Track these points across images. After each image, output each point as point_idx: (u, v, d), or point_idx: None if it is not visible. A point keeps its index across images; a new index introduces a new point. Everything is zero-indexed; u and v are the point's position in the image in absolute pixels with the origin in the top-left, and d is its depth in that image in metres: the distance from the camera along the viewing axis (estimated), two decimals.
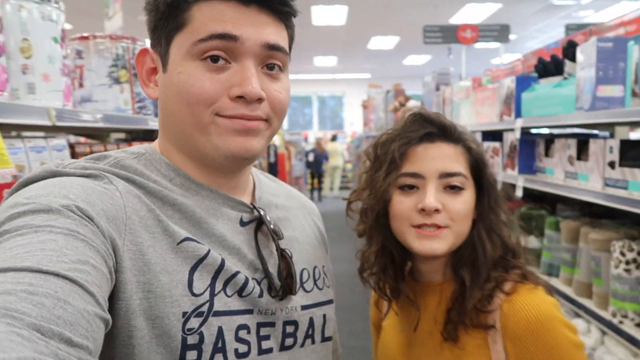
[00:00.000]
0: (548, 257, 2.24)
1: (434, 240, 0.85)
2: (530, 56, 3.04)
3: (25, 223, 0.50)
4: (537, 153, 2.42)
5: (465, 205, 0.86)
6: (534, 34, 10.90)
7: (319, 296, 0.80)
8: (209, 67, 0.65)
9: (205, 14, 0.64)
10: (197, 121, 0.66)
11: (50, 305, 0.43)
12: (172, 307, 0.61)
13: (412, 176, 0.87)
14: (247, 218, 0.74)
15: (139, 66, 0.71)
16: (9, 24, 1.10)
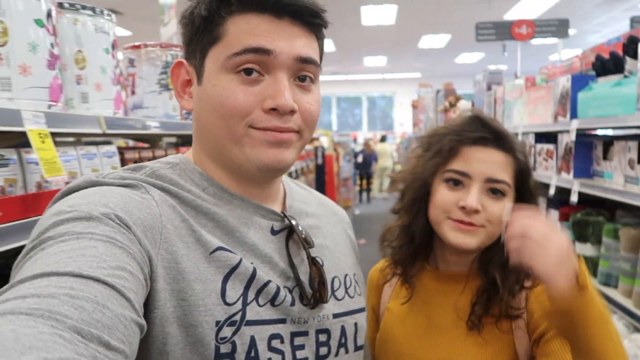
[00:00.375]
0: (606, 266, 2.11)
1: (467, 235, 0.91)
2: (589, 52, 2.88)
3: (68, 230, 0.53)
4: (595, 156, 2.29)
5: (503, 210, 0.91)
6: (596, 27, 10.33)
7: (351, 304, 0.80)
8: (243, 80, 0.66)
9: (240, 27, 0.66)
10: (231, 133, 0.67)
11: (90, 309, 0.45)
12: (206, 316, 0.62)
13: (459, 174, 0.93)
14: (278, 227, 0.74)
15: (174, 78, 0.73)
16: (64, 37, 1.17)
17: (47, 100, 0.97)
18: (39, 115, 0.89)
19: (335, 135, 9.96)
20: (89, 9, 1.21)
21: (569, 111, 2.34)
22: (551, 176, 2.56)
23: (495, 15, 8.65)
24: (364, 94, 18.67)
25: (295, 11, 0.67)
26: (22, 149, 0.93)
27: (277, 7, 0.66)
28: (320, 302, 0.73)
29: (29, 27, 0.93)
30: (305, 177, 5.18)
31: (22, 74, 0.91)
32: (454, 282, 0.98)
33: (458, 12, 8.95)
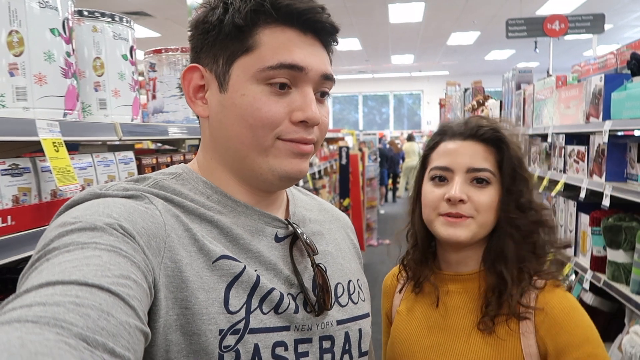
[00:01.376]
0: (639, 274, 2.02)
1: (458, 228, 0.93)
2: (625, 49, 2.77)
3: (72, 240, 0.54)
4: (629, 158, 2.20)
5: (490, 198, 0.94)
6: (634, 22, 9.94)
7: (354, 310, 0.80)
8: (273, 92, 0.67)
9: (273, 41, 0.67)
10: (259, 143, 0.68)
11: (95, 317, 0.45)
12: (209, 325, 0.62)
13: (442, 169, 0.97)
14: (282, 234, 0.75)
15: (185, 82, 0.72)
16: (83, 44, 1.18)
17: (62, 109, 0.98)
18: (54, 124, 0.90)
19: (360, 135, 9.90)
20: (107, 16, 1.22)
21: (602, 112, 2.25)
22: (582, 179, 2.46)
23: (527, 11, 8.42)
24: (391, 92, 18.51)
25: (319, 28, 0.69)
26: (37, 157, 0.94)
27: (306, 24, 0.68)
28: (325, 309, 0.73)
29: (45, 37, 0.95)
30: (330, 178, 5.17)
31: (37, 83, 0.93)
32: (460, 283, 0.99)
33: (488, 8, 8.76)
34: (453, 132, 0.98)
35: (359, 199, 6.35)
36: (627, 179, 2.21)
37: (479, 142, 0.96)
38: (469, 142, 0.96)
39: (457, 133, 0.97)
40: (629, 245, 2.11)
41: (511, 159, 0.95)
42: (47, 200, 0.95)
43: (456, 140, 0.97)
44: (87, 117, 1.18)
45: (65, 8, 1.01)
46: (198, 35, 0.70)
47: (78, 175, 1.01)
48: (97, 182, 1.09)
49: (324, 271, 0.77)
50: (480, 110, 5.32)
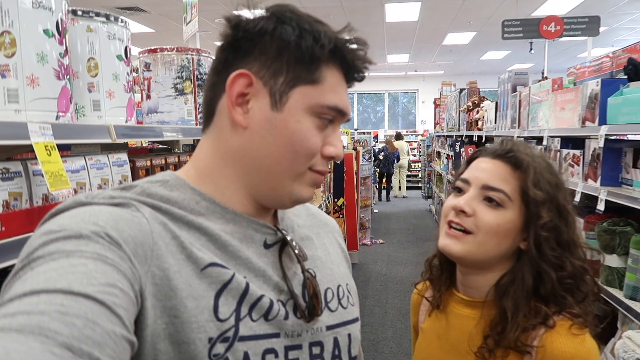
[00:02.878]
0: (632, 279, 2.03)
1: (453, 240, 0.92)
2: (620, 52, 2.77)
3: (58, 249, 0.53)
4: (624, 163, 2.20)
5: (496, 221, 0.90)
6: (629, 24, 10.00)
7: (344, 315, 0.80)
8: (320, 126, 0.71)
9: (332, 80, 0.71)
10: (295, 169, 0.71)
11: (80, 326, 0.45)
12: (198, 333, 0.62)
13: (462, 181, 0.97)
14: (271, 240, 0.74)
15: (232, 86, 0.70)
16: (77, 44, 1.16)
17: (55, 111, 0.96)
18: (46, 127, 0.88)
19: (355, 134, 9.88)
20: (102, 16, 1.20)
21: (598, 116, 2.25)
22: (577, 183, 2.47)
23: (523, 13, 8.44)
24: (386, 91, 18.52)
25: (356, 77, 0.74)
26: (29, 161, 0.92)
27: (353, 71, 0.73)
28: (315, 315, 0.73)
29: (38, 37, 0.92)
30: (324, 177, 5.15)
31: (30, 85, 0.90)
32: (470, 308, 0.97)
33: (484, 8, 8.77)
34: (487, 151, 0.99)
35: (354, 198, 6.35)
36: (622, 184, 2.21)
37: (505, 163, 0.94)
38: (495, 161, 0.95)
39: (490, 152, 0.98)
40: (623, 250, 2.11)
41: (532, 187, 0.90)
42: (38, 205, 0.93)
43: (487, 157, 0.97)
44: (80, 118, 1.15)
45: (60, 8, 0.98)
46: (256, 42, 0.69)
47: (70, 178, 0.99)
48: (90, 185, 1.07)
49: (314, 276, 0.77)
50: (475, 111, 5.32)
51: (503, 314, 0.90)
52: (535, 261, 0.90)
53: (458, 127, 6.55)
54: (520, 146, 0.96)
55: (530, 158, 0.93)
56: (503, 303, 0.90)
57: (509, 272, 0.92)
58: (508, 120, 3.89)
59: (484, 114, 4.95)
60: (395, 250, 7.23)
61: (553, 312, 0.88)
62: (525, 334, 0.87)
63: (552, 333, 0.86)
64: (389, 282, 5.65)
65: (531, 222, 0.90)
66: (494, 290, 0.94)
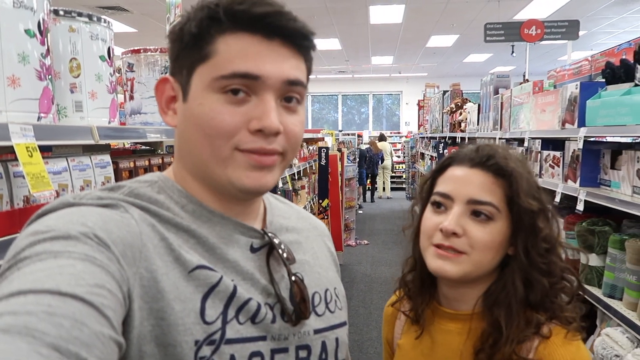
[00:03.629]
0: (611, 277, 2.07)
1: (447, 262, 0.85)
2: (599, 56, 2.83)
3: (45, 249, 0.53)
4: (602, 164, 2.25)
5: (490, 236, 0.85)
6: (607, 28, 10.20)
7: (332, 319, 0.79)
8: (229, 100, 0.65)
9: (230, 49, 0.65)
10: (216, 154, 0.66)
11: (68, 326, 0.45)
12: (185, 336, 0.62)
13: (442, 196, 0.89)
14: (257, 244, 0.74)
15: (158, 94, 0.72)
16: (59, 44, 1.14)
17: (36, 112, 0.95)
18: (27, 128, 0.87)
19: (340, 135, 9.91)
20: (85, 16, 1.19)
21: (577, 119, 2.30)
22: (557, 184, 2.52)
23: (504, 16, 8.56)
24: (370, 93, 18.60)
25: (286, 34, 0.67)
26: (10, 162, 0.91)
27: (269, 29, 0.65)
28: (302, 318, 0.72)
29: (19, 37, 0.91)
30: (309, 178, 5.16)
31: (11, 85, 0.89)
32: (458, 322, 0.91)
33: (467, 12, 8.87)
34: (462, 158, 0.90)
35: (338, 199, 6.36)
36: (600, 185, 2.26)
37: (486, 172, 0.87)
38: (476, 171, 0.87)
39: (466, 159, 0.89)
40: (601, 249, 2.16)
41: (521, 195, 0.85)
42: (19, 207, 0.92)
43: (464, 166, 0.89)
44: (62, 119, 1.14)
45: (41, 7, 0.97)
46: (170, 46, 0.70)
47: (52, 180, 0.98)
48: (72, 187, 1.06)
49: (301, 280, 0.76)
50: (458, 113, 5.39)
51: (495, 325, 0.85)
52: (526, 269, 0.86)
53: (441, 129, 6.62)
54: (499, 151, 0.90)
55: (514, 164, 0.87)
56: (495, 313, 0.85)
57: (498, 281, 0.87)
58: (490, 122, 3.94)
59: (466, 115, 5.01)
60: (380, 251, 7.26)
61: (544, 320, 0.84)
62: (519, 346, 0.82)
63: (548, 344, 0.82)
64: (374, 282, 5.67)
65: (520, 230, 0.86)
66: (482, 300, 0.89)
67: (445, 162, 0.94)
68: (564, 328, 0.84)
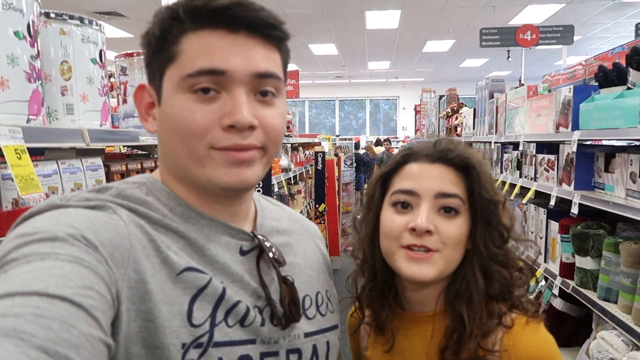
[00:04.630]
0: (605, 280, 2.07)
1: (423, 265, 0.81)
2: (593, 61, 2.85)
3: (32, 251, 0.52)
4: (596, 168, 2.26)
5: (460, 231, 0.83)
6: (601, 33, 10.28)
7: (323, 322, 0.79)
8: (199, 99, 0.64)
9: (193, 47, 0.64)
10: (192, 153, 0.66)
11: (56, 328, 0.44)
12: (172, 338, 0.61)
13: (406, 193, 0.84)
14: (247, 247, 0.73)
15: (137, 101, 0.72)
16: (50, 47, 1.14)
17: (26, 114, 0.95)
18: (16, 130, 0.86)
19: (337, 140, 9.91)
20: (76, 19, 1.19)
21: (571, 122, 2.31)
22: (552, 187, 2.52)
23: (500, 21, 8.61)
24: (367, 98, 18.64)
25: (251, 24, 0.65)
26: None
27: (231, 22, 0.64)
28: (292, 322, 0.72)
29: (8, 39, 0.91)
30: (305, 183, 5.15)
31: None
32: (422, 324, 0.88)
33: (463, 17, 8.92)
34: (420, 154, 0.87)
35: (335, 204, 6.36)
36: (594, 188, 2.27)
37: (447, 166, 0.85)
38: (436, 166, 0.85)
39: (424, 155, 0.86)
40: (596, 253, 2.16)
41: (484, 186, 0.85)
42: (8, 209, 0.92)
43: (423, 162, 0.86)
44: (53, 122, 1.14)
45: (31, 10, 0.97)
46: (143, 52, 0.70)
47: (42, 182, 0.97)
48: (62, 190, 1.05)
49: (292, 283, 0.76)
50: (454, 117, 5.40)
51: (458, 319, 0.83)
52: (485, 261, 0.85)
53: (438, 133, 6.63)
54: (456, 144, 0.88)
55: (473, 157, 0.86)
56: (456, 308, 0.84)
57: (457, 275, 0.85)
58: (486, 126, 3.95)
59: (462, 120, 5.02)
60: None
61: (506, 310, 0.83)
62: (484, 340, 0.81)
63: (511, 334, 0.81)
64: None
65: (479, 222, 0.85)
66: (443, 298, 0.87)
67: (400, 160, 0.89)
68: (524, 315, 0.83)
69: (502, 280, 0.85)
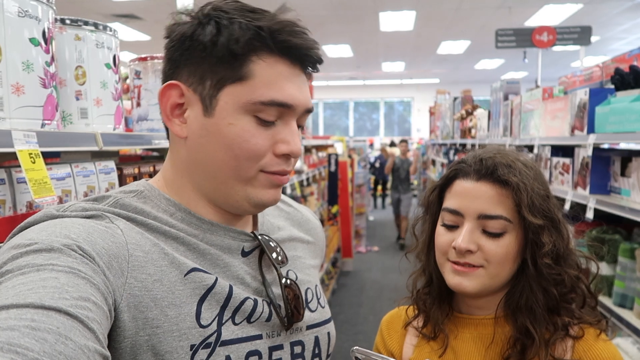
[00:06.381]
0: (621, 287, 2.04)
1: (465, 278, 0.85)
2: (610, 63, 2.80)
3: (28, 262, 0.52)
4: (612, 172, 2.22)
5: (505, 249, 0.84)
6: (620, 34, 10.10)
7: (323, 314, 0.81)
8: (260, 123, 0.67)
9: (266, 74, 0.66)
10: (241, 174, 0.68)
11: (52, 341, 0.44)
12: (180, 341, 0.62)
13: (451, 213, 0.88)
14: (248, 247, 0.74)
15: (163, 99, 0.69)
16: (64, 52, 1.16)
17: (40, 119, 0.97)
18: (31, 135, 0.88)
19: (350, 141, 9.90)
20: (91, 25, 1.21)
21: (587, 125, 2.27)
22: (567, 191, 2.48)
23: (516, 22, 8.52)
24: (381, 99, 18.59)
25: (308, 62, 0.70)
26: (13, 168, 0.92)
27: (299, 59, 0.68)
28: (295, 321, 0.73)
29: (23, 46, 0.93)
30: (318, 185, 5.16)
31: (15, 93, 0.91)
32: (482, 328, 0.90)
33: (478, 18, 8.85)
34: (467, 170, 0.88)
35: (348, 205, 6.35)
36: (610, 192, 2.23)
37: (494, 184, 0.85)
38: (482, 184, 0.86)
39: (472, 171, 0.87)
40: (611, 258, 2.13)
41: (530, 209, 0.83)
42: (22, 212, 0.94)
43: (470, 180, 0.87)
44: (67, 126, 1.16)
45: (46, 17, 0.99)
46: (181, 49, 0.67)
47: (56, 186, 0.99)
48: (75, 193, 1.07)
49: (295, 279, 0.77)
50: (468, 119, 5.36)
51: (522, 331, 0.84)
52: (535, 279, 0.85)
53: (452, 135, 6.59)
54: (503, 159, 0.87)
55: (518, 174, 0.85)
56: (519, 319, 0.85)
57: (516, 286, 0.87)
58: (500, 128, 3.92)
59: (477, 122, 4.98)
60: (390, 257, 7.23)
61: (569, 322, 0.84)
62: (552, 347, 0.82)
63: (583, 342, 0.82)
64: (384, 289, 5.64)
65: (527, 241, 0.85)
66: (503, 305, 0.89)
67: (451, 174, 0.92)
68: (593, 328, 0.84)
69: (554, 297, 0.85)
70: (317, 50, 0.69)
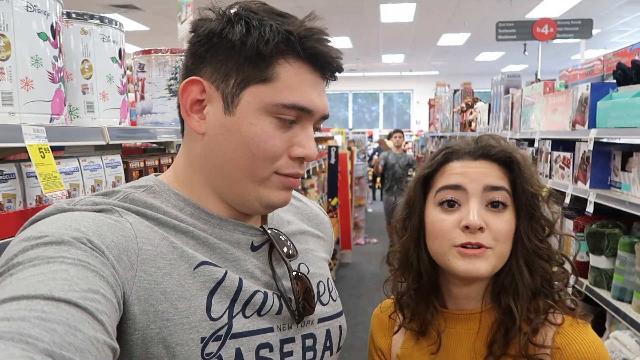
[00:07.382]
0: (620, 280, 2.06)
1: (477, 261, 0.81)
2: (611, 56, 2.81)
3: (38, 255, 0.53)
4: (613, 166, 2.23)
5: (508, 225, 0.83)
6: (621, 27, 10.07)
7: (335, 308, 0.81)
8: (280, 125, 0.68)
9: (290, 77, 0.67)
10: (256, 174, 0.69)
11: (62, 332, 0.44)
12: (191, 334, 0.62)
13: (453, 188, 0.84)
14: (258, 242, 0.75)
15: (184, 94, 0.69)
16: (70, 46, 1.17)
17: (49, 114, 0.97)
18: (40, 130, 0.89)
19: (350, 133, 9.90)
20: (96, 19, 1.21)
21: (588, 120, 2.28)
22: (567, 185, 2.50)
23: (517, 15, 8.49)
24: (381, 91, 18.55)
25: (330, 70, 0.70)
26: (23, 163, 0.93)
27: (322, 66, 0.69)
28: (306, 315, 0.74)
29: (32, 41, 0.93)
30: (318, 177, 5.17)
31: (24, 87, 0.91)
32: (468, 322, 0.88)
33: (478, 10, 8.81)
34: (461, 152, 0.87)
35: (347, 197, 6.37)
36: (610, 186, 2.24)
37: (491, 162, 0.85)
38: (480, 162, 0.85)
39: (467, 152, 0.86)
40: (611, 252, 2.14)
41: (528, 181, 0.85)
42: (32, 206, 0.94)
43: (466, 160, 0.86)
44: (74, 120, 1.16)
45: (54, 11, 0.99)
46: (207, 45, 0.67)
47: (64, 180, 1.00)
48: (83, 187, 1.08)
49: (307, 272, 0.77)
50: (468, 112, 5.36)
51: (506, 312, 0.83)
52: (528, 255, 0.85)
53: (452, 128, 6.59)
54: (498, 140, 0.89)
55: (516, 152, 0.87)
56: (504, 301, 0.84)
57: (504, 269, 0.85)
58: (501, 121, 3.92)
59: (477, 115, 4.98)
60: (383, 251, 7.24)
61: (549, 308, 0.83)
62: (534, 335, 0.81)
63: (563, 334, 0.81)
64: (383, 281, 5.66)
65: (522, 216, 0.85)
66: (489, 295, 0.87)
67: (441, 159, 0.88)
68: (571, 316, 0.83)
69: (545, 274, 0.86)
70: (340, 60, 0.71)
